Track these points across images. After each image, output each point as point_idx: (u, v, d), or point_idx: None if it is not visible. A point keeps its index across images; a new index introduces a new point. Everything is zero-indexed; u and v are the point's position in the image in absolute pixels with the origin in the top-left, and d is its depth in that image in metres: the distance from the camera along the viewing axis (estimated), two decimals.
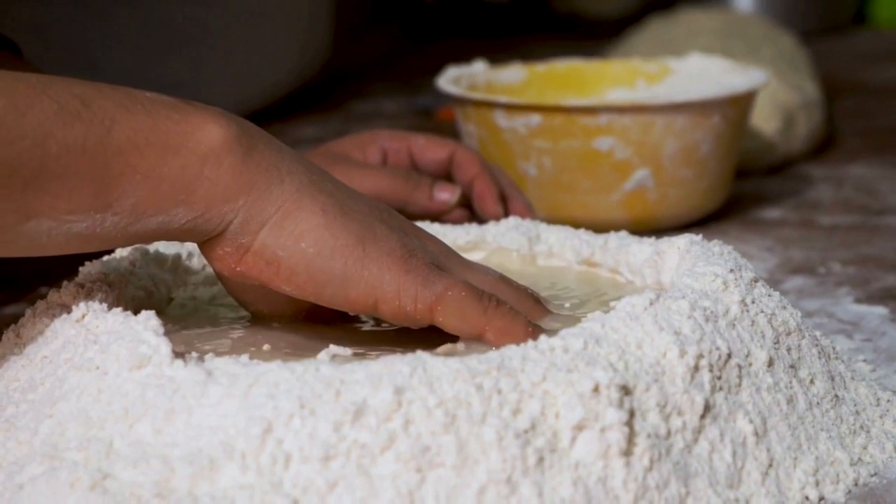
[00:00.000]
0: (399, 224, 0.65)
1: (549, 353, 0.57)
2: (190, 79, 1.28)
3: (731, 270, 0.65)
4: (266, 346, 0.65)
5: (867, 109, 1.51)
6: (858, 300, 0.87)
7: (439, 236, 0.80)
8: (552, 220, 0.82)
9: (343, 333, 0.67)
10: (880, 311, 0.85)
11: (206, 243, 0.61)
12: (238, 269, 0.61)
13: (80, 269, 0.68)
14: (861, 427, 0.65)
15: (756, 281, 0.66)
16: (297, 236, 0.60)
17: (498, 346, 0.59)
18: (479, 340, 0.63)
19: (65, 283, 0.66)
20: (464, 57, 1.18)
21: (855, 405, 0.66)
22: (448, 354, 0.60)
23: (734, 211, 1.08)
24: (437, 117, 1.45)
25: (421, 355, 0.56)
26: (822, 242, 1.00)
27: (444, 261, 0.65)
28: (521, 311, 0.64)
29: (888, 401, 0.68)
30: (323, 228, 0.61)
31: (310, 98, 1.50)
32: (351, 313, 0.65)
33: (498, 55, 1.24)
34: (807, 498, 0.59)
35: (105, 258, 0.70)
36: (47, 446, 0.56)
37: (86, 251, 0.60)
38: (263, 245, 0.61)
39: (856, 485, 0.61)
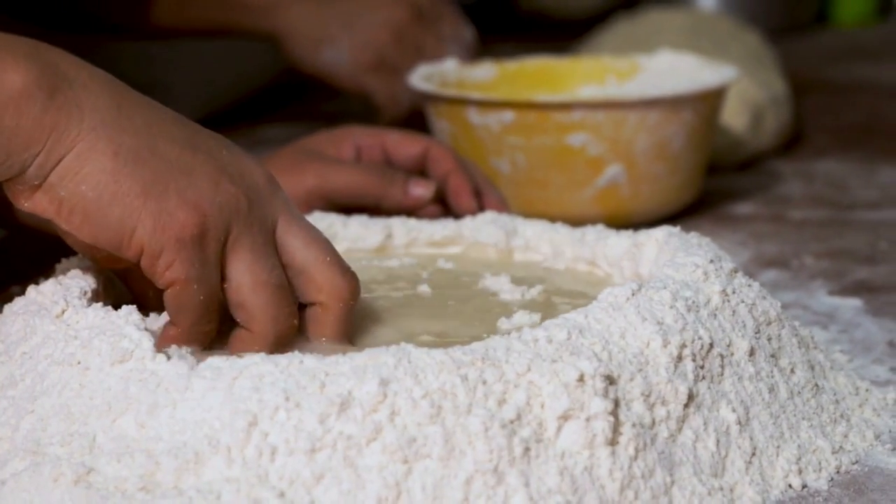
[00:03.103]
0: (227, 175, 0.61)
1: (534, 343, 0.57)
2: (160, 76, 1.27)
3: (711, 261, 0.66)
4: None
5: (833, 106, 1.51)
6: (832, 292, 0.87)
7: (415, 232, 0.80)
8: (526, 217, 0.82)
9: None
10: (854, 302, 0.85)
11: (6, 181, 0.60)
12: (26, 204, 0.60)
13: (57, 265, 0.68)
14: (841, 416, 0.65)
15: (735, 271, 0.67)
16: (81, 178, 0.59)
17: (157, 346, 0.59)
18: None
19: (41, 279, 0.66)
20: None
21: (835, 394, 0.66)
22: None
23: (706, 206, 1.08)
24: None
25: (405, 347, 0.56)
26: (794, 236, 1.01)
27: (246, 231, 0.61)
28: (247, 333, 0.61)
29: (867, 390, 0.69)
30: (108, 173, 0.59)
31: (278, 99, 1.50)
32: (133, 262, 0.61)
33: None
34: (790, 486, 0.60)
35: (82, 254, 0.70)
36: (29, 442, 0.56)
37: None
38: (50, 185, 0.59)
39: (838, 472, 0.61)
